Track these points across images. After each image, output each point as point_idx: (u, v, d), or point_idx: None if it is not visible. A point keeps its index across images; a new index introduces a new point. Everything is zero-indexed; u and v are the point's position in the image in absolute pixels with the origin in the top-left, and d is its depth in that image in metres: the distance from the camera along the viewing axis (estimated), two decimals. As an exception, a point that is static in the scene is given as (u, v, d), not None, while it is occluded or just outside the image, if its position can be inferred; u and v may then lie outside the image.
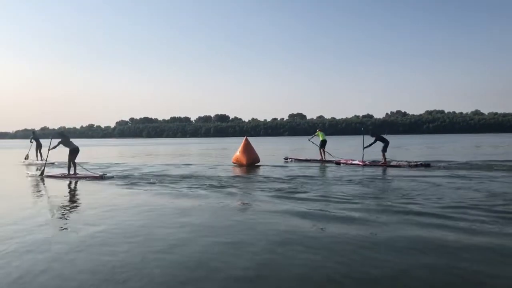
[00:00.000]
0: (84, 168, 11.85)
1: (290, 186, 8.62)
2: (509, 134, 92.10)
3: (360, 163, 13.87)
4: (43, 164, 12.64)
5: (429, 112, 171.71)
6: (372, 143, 13.54)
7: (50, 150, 11.63)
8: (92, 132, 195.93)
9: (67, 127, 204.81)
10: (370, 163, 13.81)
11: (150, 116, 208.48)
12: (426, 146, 33.29)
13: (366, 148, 13.93)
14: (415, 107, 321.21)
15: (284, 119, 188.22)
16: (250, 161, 14.24)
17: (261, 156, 15.47)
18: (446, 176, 9.97)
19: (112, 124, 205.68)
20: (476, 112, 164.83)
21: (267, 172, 11.83)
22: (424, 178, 9.57)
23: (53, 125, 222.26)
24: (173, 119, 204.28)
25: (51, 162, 15.32)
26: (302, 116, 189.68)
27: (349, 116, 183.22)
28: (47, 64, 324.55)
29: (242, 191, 8.19)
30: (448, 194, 7.18)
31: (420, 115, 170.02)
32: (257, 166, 14.16)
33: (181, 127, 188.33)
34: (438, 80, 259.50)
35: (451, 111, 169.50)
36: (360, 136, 22.23)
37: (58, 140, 11.43)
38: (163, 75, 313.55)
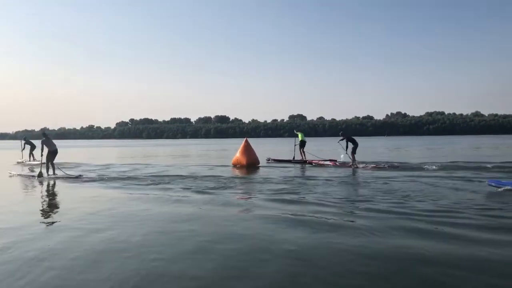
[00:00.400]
0: (60, 169, 11.79)
1: (286, 187, 8.63)
2: (509, 136, 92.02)
3: (330, 163, 14.65)
4: (37, 165, 12.69)
5: (429, 114, 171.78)
6: (346, 145, 14.09)
7: (43, 154, 11.47)
8: (92, 133, 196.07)
9: (67, 128, 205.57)
10: (340, 164, 14.43)
11: (150, 117, 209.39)
12: (427, 147, 33.24)
13: (347, 148, 14.29)
14: (416, 109, 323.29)
15: (284, 120, 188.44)
16: (249, 161, 14.35)
17: (260, 158, 15.50)
18: (422, 177, 9.96)
19: (112, 125, 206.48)
20: (476, 114, 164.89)
21: (265, 173, 11.87)
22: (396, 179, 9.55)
23: (53, 125, 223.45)
24: (173, 120, 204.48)
25: (44, 162, 15.18)
26: (302, 117, 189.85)
27: (349, 117, 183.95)
28: (47, 64, 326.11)
29: (242, 191, 8.19)
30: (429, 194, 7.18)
31: (421, 116, 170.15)
32: (256, 167, 14.22)
33: (181, 128, 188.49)
34: (439, 82, 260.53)
35: (451, 112, 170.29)
36: (360, 137, 22.20)
37: (40, 141, 11.54)
38: (163, 76, 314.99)
